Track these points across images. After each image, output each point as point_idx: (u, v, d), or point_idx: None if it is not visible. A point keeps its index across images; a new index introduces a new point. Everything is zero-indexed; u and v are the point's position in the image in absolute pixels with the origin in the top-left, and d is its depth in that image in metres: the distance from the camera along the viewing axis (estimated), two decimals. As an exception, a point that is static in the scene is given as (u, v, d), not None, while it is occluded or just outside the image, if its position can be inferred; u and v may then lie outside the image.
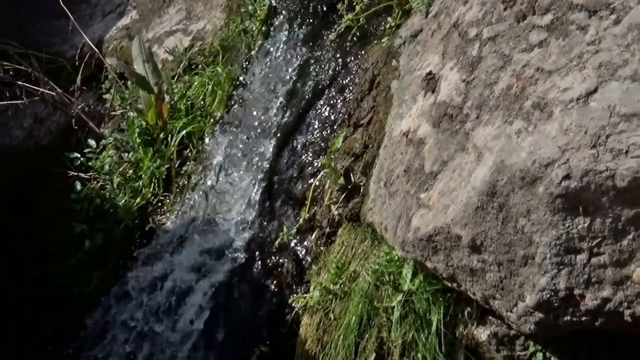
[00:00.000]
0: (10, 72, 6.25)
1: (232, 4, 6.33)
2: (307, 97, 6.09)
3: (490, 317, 5.27)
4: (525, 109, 5.16)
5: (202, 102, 6.15)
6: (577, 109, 5.07)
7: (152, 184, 6.17)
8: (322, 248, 5.72)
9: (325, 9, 6.21)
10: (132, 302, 5.96)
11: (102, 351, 5.88)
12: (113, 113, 6.28)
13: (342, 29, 6.12)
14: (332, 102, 6.03)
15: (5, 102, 6.34)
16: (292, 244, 5.82)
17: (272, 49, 6.23)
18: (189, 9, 6.36)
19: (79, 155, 6.25)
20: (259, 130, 6.10)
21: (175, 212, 6.05)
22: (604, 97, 5.00)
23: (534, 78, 5.21)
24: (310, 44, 6.21)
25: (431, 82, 5.49)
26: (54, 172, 6.35)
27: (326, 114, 5.98)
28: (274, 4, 6.30)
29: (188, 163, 6.17)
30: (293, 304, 5.67)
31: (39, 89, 6.30)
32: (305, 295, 5.62)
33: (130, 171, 6.14)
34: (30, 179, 6.45)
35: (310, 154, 5.95)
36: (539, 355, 5.20)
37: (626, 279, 4.95)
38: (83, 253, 6.20)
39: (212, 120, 6.14)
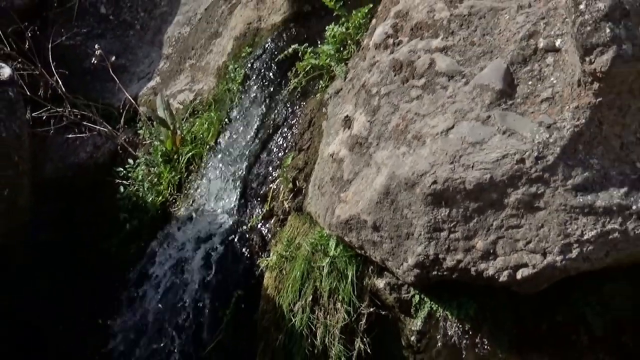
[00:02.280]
0: (78, 116, 6.20)
1: (221, 72, 6.32)
2: (268, 132, 6.09)
3: (386, 272, 5.28)
4: (408, 139, 5.16)
5: (201, 135, 6.15)
6: (441, 139, 5.08)
7: (169, 188, 6.17)
8: (278, 228, 5.75)
9: (280, 75, 6.21)
10: (161, 255, 6.01)
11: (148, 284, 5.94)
12: (144, 142, 6.26)
13: (291, 88, 6.12)
14: (284, 135, 6.04)
15: (75, 135, 6.30)
16: (259, 226, 5.83)
17: (246, 102, 6.23)
18: (193, 76, 6.33)
19: (122, 169, 6.22)
20: (237, 153, 6.10)
21: (185, 206, 6.06)
22: (458, 132, 5.03)
23: (413, 119, 5.22)
24: (271, 97, 6.21)
25: (347, 122, 5.49)
26: (106, 180, 6.32)
27: (280, 142, 5.99)
28: (247, 73, 6.29)
29: (192, 174, 6.17)
30: (259, 264, 5.67)
31: (96, 127, 6.26)
32: (267, 258, 5.63)
33: (155, 179, 6.12)
34: (92, 185, 6.42)
35: (271, 168, 5.97)
36: (417, 296, 5.21)
37: (472, 248, 4.96)
38: (125, 233, 6.18)
39: (207, 147, 6.14)
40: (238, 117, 6.27)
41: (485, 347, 5.13)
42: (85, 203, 6.33)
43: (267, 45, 6.38)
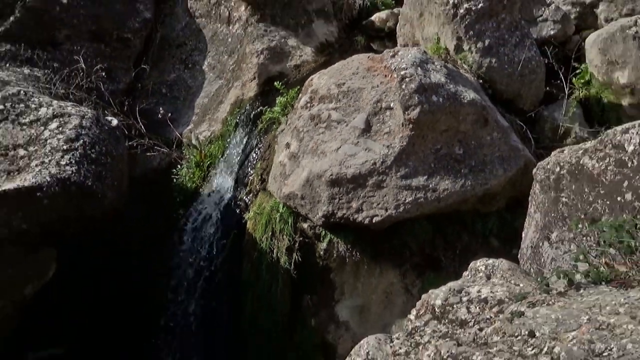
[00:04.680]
0: (152, 144, 6.13)
1: (224, 121, 6.25)
2: (247, 151, 6.03)
3: (308, 220, 5.23)
4: (318, 153, 5.12)
5: (214, 153, 6.08)
6: (335, 153, 5.05)
7: (199, 179, 6.08)
8: (253, 199, 5.68)
9: (253, 122, 6.16)
10: (195, 211, 5.97)
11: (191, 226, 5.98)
12: (185, 157, 6.18)
13: (259, 129, 6.05)
14: (256, 153, 5.99)
15: (150, 154, 6.23)
16: (244, 198, 5.76)
17: (236, 136, 6.17)
18: (210, 124, 6.26)
19: (175, 171, 6.13)
20: (232, 162, 6.05)
21: (207, 189, 6.02)
22: (343, 149, 5.02)
23: (321, 143, 5.18)
24: (249, 134, 6.16)
25: (287, 145, 5.43)
26: (167, 176, 6.24)
27: (254, 156, 5.95)
28: (237, 121, 6.23)
29: (210, 172, 6.09)
30: (245, 217, 5.60)
31: (162, 149, 6.18)
32: (248, 214, 5.57)
33: (191, 175, 6.01)
34: (159, 179, 6.32)
35: (249, 169, 5.92)
36: (323, 232, 5.18)
37: (350, 207, 4.96)
38: (177, 202, 6.10)
39: (217, 159, 6.08)
40: (233, 144, 6.22)
41: (358, 256, 5.13)
42: (156, 188, 6.23)
43: (247, 107, 6.36)
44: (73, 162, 4.81)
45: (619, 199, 3.34)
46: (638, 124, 3.45)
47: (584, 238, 3.34)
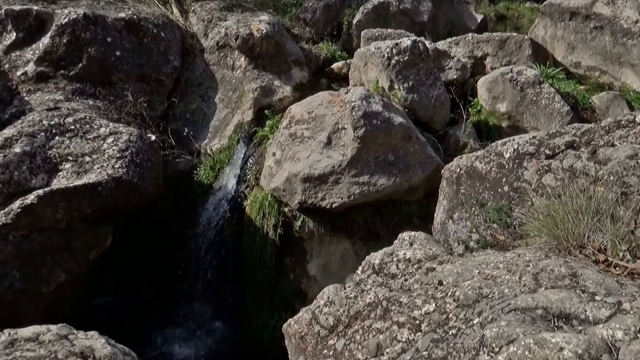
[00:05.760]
0: (180, 152, 6.00)
1: (229, 137, 6.12)
2: (246, 158, 5.92)
3: (288, 205, 5.16)
4: (295, 159, 5.04)
5: (223, 159, 5.96)
6: (306, 159, 4.99)
7: (212, 178, 5.94)
8: (250, 191, 5.57)
9: (250, 138, 6.05)
10: (210, 201, 5.84)
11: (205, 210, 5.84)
12: (203, 162, 6.06)
13: (255, 142, 5.94)
14: (252, 159, 5.88)
15: (178, 159, 6.07)
16: (244, 190, 5.64)
17: (239, 147, 6.06)
18: (219, 139, 6.15)
19: (195, 172, 6.01)
20: (235, 166, 5.93)
21: (218, 184, 5.90)
22: (312, 156, 4.94)
23: (296, 152, 5.11)
24: (247, 146, 6.04)
25: (274, 154, 5.34)
26: (189, 176, 6.11)
27: (251, 161, 5.82)
28: (239, 137, 6.10)
29: (220, 173, 5.98)
30: (244, 204, 5.51)
31: (187, 157, 6.05)
32: (247, 201, 5.47)
33: (207, 175, 5.90)
34: (184, 177, 6.17)
35: (247, 170, 5.80)
36: (298, 213, 5.13)
37: (317, 196, 4.91)
38: (196, 194, 5.97)
39: (225, 163, 5.95)
40: (236, 153, 6.10)
41: (322, 230, 5.09)
42: (182, 184, 6.11)
43: (246, 128, 6.24)
44: (124, 165, 4.79)
45: (499, 190, 3.37)
46: (512, 139, 3.50)
47: (476, 217, 3.36)
